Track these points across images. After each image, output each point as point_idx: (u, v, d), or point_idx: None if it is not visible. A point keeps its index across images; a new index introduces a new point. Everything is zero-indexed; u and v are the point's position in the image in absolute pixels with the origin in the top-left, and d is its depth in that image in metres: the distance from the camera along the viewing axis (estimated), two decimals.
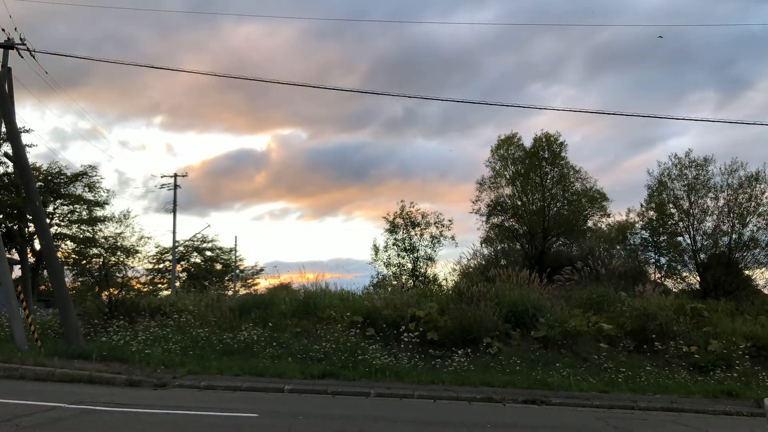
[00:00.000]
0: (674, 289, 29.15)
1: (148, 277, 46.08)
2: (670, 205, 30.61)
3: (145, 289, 43.70)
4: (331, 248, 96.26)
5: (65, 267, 33.36)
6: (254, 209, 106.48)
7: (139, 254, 39.98)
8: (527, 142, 35.20)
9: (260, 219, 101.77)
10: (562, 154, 34.67)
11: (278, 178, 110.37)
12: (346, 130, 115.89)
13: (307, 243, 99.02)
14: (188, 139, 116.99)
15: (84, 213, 33.35)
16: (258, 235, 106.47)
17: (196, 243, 48.80)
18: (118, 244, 37.04)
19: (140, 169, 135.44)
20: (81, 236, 33.52)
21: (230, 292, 40.47)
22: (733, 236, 29.08)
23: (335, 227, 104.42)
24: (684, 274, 31.47)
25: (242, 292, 44.42)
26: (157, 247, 45.85)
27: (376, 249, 36.64)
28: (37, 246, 29.17)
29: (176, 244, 43.34)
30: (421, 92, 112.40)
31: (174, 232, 42.15)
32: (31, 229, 29.08)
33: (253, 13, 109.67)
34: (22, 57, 15.78)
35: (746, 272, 29.97)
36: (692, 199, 29.84)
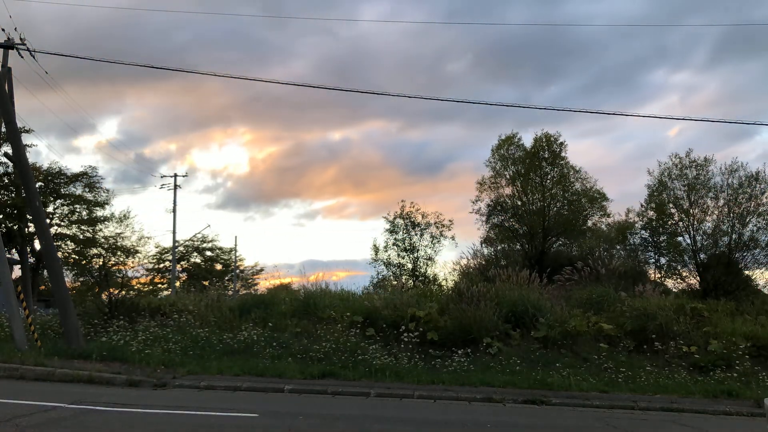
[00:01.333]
0: (674, 289, 29.12)
1: (148, 277, 46.12)
2: (670, 205, 30.60)
3: (145, 289, 43.70)
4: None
5: (65, 267, 33.35)
6: (314, 205, 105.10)
7: (139, 254, 40.03)
8: (527, 142, 35.24)
9: (313, 216, 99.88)
10: (562, 154, 34.70)
11: (349, 173, 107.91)
12: (440, 121, 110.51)
13: (350, 241, 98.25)
14: (270, 134, 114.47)
15: (84, 213, 33.37)
16: (300, 233, 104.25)
17: (196, 243, 48.81)
18: (118, 244, 37.05)
19: (218, 164, 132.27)
20: (81, 236, 33.53)
21: (230, 292, 40.49)
22: (733, 236, 29.06)
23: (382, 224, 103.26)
24: (684, 274, 31.45)
25: (242, 291, 44.47)
26: (157, 247, 45.91)
27: (376, 249, 36.64)
28: (37, 246, 29.18)
29: (176, 244, 43.35)
30: (533, 78, 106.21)
31: (174, 232, 42.19)
32: (31, 229, 29.08)
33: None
34: (22, 57, 15.79)
35: (746, 272, 29.96)
36: (692, 199, 29.83)
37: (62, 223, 32.92)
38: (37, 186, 19.02)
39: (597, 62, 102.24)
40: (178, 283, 43.10)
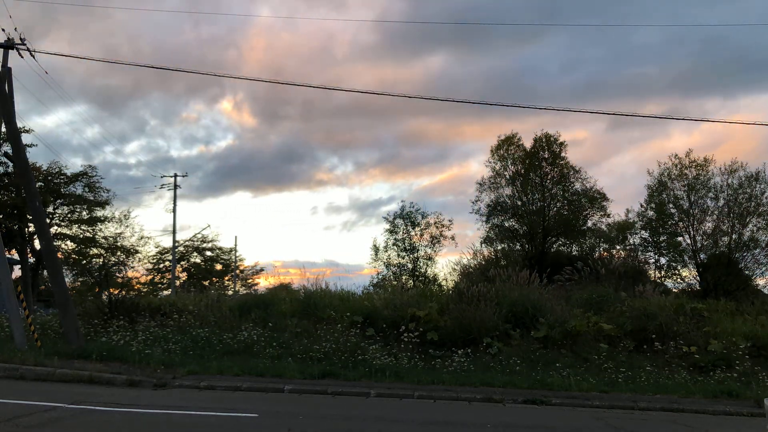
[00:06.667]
0: (674, 289, 29.15)
1: (148, 278, 46.12)
2: (670, 205, 30.63)
3: (145, 290, 43.72)
4: None
5: (65, 267, 33.37)
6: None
7: (139, 254, 40.07)
8: (527, 143, 35.26)
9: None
10: (562, 154, 34.72)
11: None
12: None
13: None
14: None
15: (84, 213, 33.41)
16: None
17: (196, 243, 48.80)
18: (118, 244, 37.08)
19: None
20: (81, 236, 33.57)
21: (230, 292, 40.52)
22: (733, 236, 29.09)
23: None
24: (684, 274, 31.51)
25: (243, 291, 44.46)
26: (157, 247, 45.90)
27: (376, 249, 36.63)
28: (37, 246, 29.19)
29: (176, 244, 43.33)
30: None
31: (174, 232, 42.17)
32: (31, 229, 29.12)
33: None
34: (22, 57, 15.79)
35: (746, 272, 29.98)
36: (692, 199, 29.87)
37: (62, 223, 32.95)
38: (37, 186, 19.01)
39: None
40: (178, 283, 43.10)
